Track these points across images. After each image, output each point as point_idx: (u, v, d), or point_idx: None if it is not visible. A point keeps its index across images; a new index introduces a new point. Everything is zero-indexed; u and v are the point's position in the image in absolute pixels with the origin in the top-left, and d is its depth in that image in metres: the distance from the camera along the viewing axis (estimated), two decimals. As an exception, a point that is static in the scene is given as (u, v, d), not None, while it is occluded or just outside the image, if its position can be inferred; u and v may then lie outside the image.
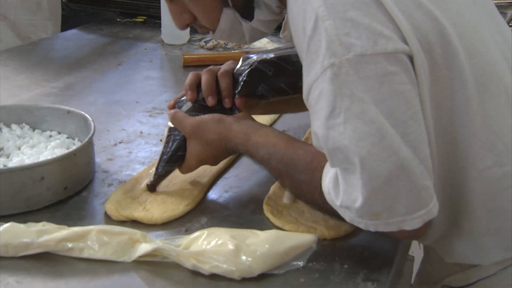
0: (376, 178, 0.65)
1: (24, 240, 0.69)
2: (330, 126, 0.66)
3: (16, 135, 0.93)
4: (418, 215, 0.66)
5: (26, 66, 1.44)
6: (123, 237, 0.71)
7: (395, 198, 0.66)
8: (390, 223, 0.67)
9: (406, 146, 0.65)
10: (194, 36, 1.72)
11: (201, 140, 0.84)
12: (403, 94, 0.65)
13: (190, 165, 0.87)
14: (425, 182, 0.67)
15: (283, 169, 0.77)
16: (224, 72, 0.90)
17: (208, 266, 0.67)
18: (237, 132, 0.82)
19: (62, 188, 0.82)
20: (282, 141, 0.79)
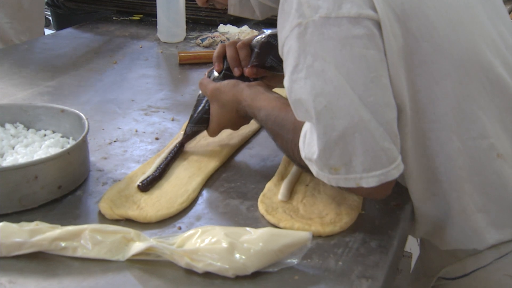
0: (330, 132, 0.70)
1: (17, 239, 0.69)
2: (293, 80, 0.73)
3: (10, 134, 0.93)
4: (374, 174, 0.71)
5: (21, 65, 1.44)
6: (117, 236, 0.71)
7: (352, 155, 0.71)
8: (349, 179, 0.72)
9: (363, 107, 0.69)
10: (190, 34, 1.71)
11: (218, 102, 0.93)
12: (365, 58, 0.70)
13: (213, 128, 0.96)
14: (384, 144, 0.70)
15: (276, 129, 0.83)
16: (241, 44, 0.98)
17: (202, 264, 0.67)
18: (246, 96, 0.89)
19: (56, 187, 0.82)
20: (279, 104, 0.85)
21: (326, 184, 0.86)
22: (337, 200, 0.82)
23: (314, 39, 0.70)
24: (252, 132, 1.06)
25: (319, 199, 0.83)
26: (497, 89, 0.77)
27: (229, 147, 0.99)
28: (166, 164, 0.91)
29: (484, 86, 0.76)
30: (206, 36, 1.65)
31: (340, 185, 0.73)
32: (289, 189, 0.85)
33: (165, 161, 0.92)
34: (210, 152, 0.97)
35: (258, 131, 1.07)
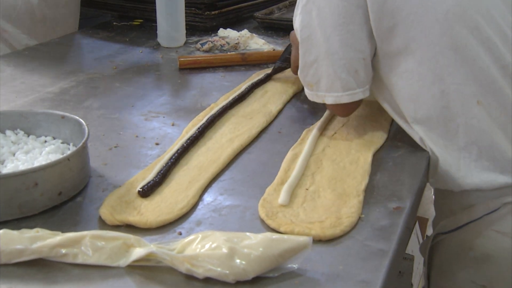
0: (308, 57, 0.97)
1: (18, 246, 0.69)
2: (295, 14, 1.01)
3: (11, 141, 0.93)
4: (331, 95, 0.98)
5: (21, 72, 1.44)
6: (117, 242, 0.71)
7: (320, 77, 0.97)
8: (318, 95, 1.00)
9: (331, 43, 0.93)
10: (190, 39, 1.71)
11: (295, 44, 1.17)
12: (338, 7, 0.92)
13: (292, 67, 1.24)
14: (341, 75, 0.95)
15: None
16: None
17: (202, 269, 0.67)
18: None
19: (56, 194, 0.82)
20: None
21: (326, 189, 0.87)
22: (337, 204, 0.82)
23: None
24: (252, 137, 1.06)
25: (319, 203, 0.83)
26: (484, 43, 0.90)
27: (229, 151, 0.99)
28: (167, 170, 0.91)
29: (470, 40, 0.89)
30: (206, 40, 1.65)
31: (314, 100, 1.00)
32: (289, 194, 0.85)
33: (166, 166, 0.92)
34: (210, 157, 0.97)
35: (258, 136, 1.08)
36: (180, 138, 1.04)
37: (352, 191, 0.86)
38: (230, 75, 1.44)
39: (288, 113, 1.19)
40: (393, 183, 0.91)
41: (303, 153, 0.97)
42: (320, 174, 0.92)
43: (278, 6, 2.00)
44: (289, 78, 1.36)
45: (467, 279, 0.99)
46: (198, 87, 1.36)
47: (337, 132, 1.06)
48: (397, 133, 1.08)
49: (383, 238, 0.76)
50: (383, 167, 0.96)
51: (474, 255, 0.98)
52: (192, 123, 1.10)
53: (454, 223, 1.00)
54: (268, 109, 1.18)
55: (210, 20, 1.80)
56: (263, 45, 1.65)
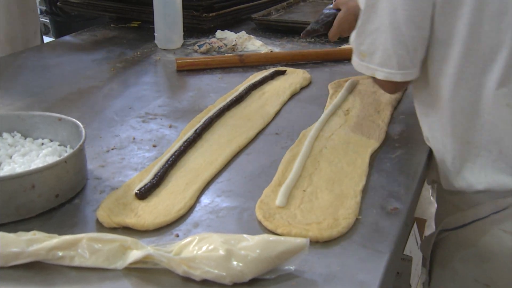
0: (369, 24, 0.93)
1: (14, 249, 0.69)
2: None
3: (8, 143, 0.93)
4: (383, 70, 0.93)
5: (19, 74, 1.44)
6: (114, 244, 0.71)
7: (376, 48, 0.92)
8: (369, 68, 0.95)
9: (397, 16, 0.89)
10: (188, 41, 1.71)
11: (346, 7, 1.23)
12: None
13: (334, 30, 1.27)
14: (399, 51, 0.91)
15: None
16: None
17: (199, 271, 0.67)
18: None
19: (53, 196, 0.82)
20: None
21: (324, 190, 0.87)
22: (334, 205, 0.82)
23: None
24: (250, 139, 1.06)
25: (316, 204, 0.83)
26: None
27: (226, 153, 0.99)
28: (164, 172, 0.91)
29: None
30: (203, 42, 1.65)
31: (362, 71, 0.96)
32: (287, 195, 0.85)
33: (163, 168, 0.92)
34: (207, 159, 0.97)
35: (255, 137, 1.08)
36: (178, 140, 1.04)
37: (350, 192, 0.86)
38: (228, 76, 1.44)
39: (285, 114, 1.20)
40: (391, 184, 0.91)
41: (301, 154, 0.97)
42: (318, 175, 0.92)
43: (276, 7, 2.00)
44: (287, 80, 1.36)
45: (470, 277, 0.98)
46: (196, 88, 1.36)
47: (335, 134, 1.06)
48: (394, 134, 1.08)
49: (380, 239, 0.76)
50: (380, 168, 0.96)
51: (478, 253, 0.97)
52: (189, 125, 1.10)
53: (460, 220, 0.99)
54: (266, 110, 1.18)
55: (208, 22, 1.80)
56: (261, 46, 1.65)
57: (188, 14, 1.76)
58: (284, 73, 1.40)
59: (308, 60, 1.53)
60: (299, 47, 1.68)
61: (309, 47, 1.67)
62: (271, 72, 1.38)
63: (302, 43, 1.73)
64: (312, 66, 1.50)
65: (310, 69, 1.45)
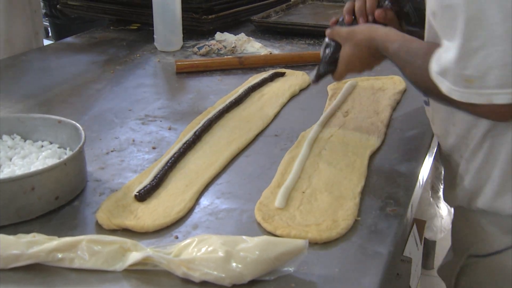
0: (474, 40, 0.71)
1: (14, 251, 0.69)
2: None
3: (8, 146, 0.93)
4: (508, 91, 0.70)
5: (19, 76, 1.44)
6: (114, 246, 0.71)
7: (490, 67, 0.70)
8: (481, 94, 0.72)
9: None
10: (187, 43, 1.72)
11: (351, 42, 0.99)
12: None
13: (341, 70, 1.03)
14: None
15: (407, 58, 0.86)
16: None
17: (199, 273, 0.67)
18: (381, 33, 0.94)
19: (53, 198, 0.82)
20: (413, 38, 0.89)
21: (323, 191, 0.87)
22: (333, 207, 0.83)
23: None
24: (249, 140, 1.06)
25: (315, 206, 0.83)
26: None
27: (226, 155, 0.99)
28: (163, 174, 0.91)
29: None
30: (203, 44, 1.66)
31: (471, 101, 0.73)
32: (286, 197, 0.85)
33: (162, 170, 0.92)
34: (207, 160, 0.97)
35: (254, 139, 1.08)
36: (177, 142, 1.04)
37: (349, 193, 0.86)
38: (227, 78, 1.44)
39: (285, 116, 1.20)
40: (390, 186, 0.91)
41: (300, 156, 0.97)
42: (317, 177, 0.92)
43: (275, 9, 2.00)
44: (286, 81, 1.37)
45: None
46: (195, 90, 1.37)
47: (334, 135, 1.07)
48: (393, 135, 1.08)
49: (379, 240, 0.76)
50: (379, 170, 0.96)
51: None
52: (189, 127, 1.10)
53: (492, 246, 0.88)
54: (265, 112, 1.19)
55: (207, 24, 1.80)
56: (260, 48, 1.66)
57: (188, 16, 1.76)
58: (283, 75, 1.40)
59: (307, 62, 1.53)
60: (298, 49, 1.68)
61: (308, 49, 1.68)
62: (270, 74, 1.38)
63: (301, 45, 1.73)
64: (311, 68, 1.49)
65: (309, 71, 1.45)
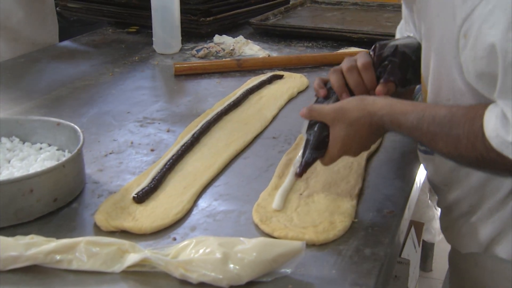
0: None
1: (12, 253, 0.69)
2: (511, 38, 0.64)
3: (6, 148, 0.94)
4: None
5: (18, 79, 1.45)
6: (112, 247, 0.72)
7: None
8: None
9: None
10: (186, 45, 1.72)
11: (343, 122, 0.82)
12: None
13: (332, 155, 0.85)
14: None
15: (437, 130, 0.74)
16: (366, 65, 0.89)
17: (196, 274, 0.67)
18: (382, 105, 0.80)
19: (51, 200, 0.83)
20: (431, 105, 0.79)
21: (320, 194, 0.87)
22: (330, 208, 0.83)
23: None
24: (247, 142, 1.07)
25: (313, 208, 0.84)
26: None
27: (224, 157, 1.00)
28: (162, 176, 0.92)
29: None
30: (201, 47, 1.66)
31: None
32: (283, 199, 0.85)
33: (161, 172, 0.92)
34: (205, 162, 0.98)
35: (252, 141, 1.08)
36: (175, 144, 1.04)
37: (346, 195, 0.87)
38: (226, 81, 1.44)
39: (283, 118, 1.20)
40: (387, 188, 0.91)
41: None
42: (314, 179, 0.92)
43: (274, 12, 2.01)
44: (284, 84, 1.37)
45: None
46: (194, 93, 1.37)
47: (331, 137, 1.07)
48: (391, 137, 1.09)
49: (376, 242, 0.77)
50: (377, 172, 0.96)
51: None
52: (187, 129, 1.11)
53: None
54: (263, 114, 1.19)
55: (206, 26, 1.81)
56: (258, 51, 1.66)
57: (186, 19, 1.76)
58: (282, 78, 1.41)
59: (305, 65, 1.54)
60: (296, 52, 1.69)
61: (307, 52, 1.68)
62: (268, 77, 1.39)
63: (299, 47, 1.74)
64: (310, 71, 1.51)
65: (308, 74, 1.46)
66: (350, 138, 0.82)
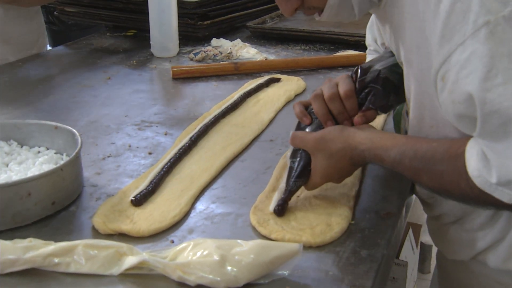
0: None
1: (11, 256, 0.70)
2: (487, 88, 0.63)
3: (4, 152, 0.94)
4: None
5: (16, 83, 1.45)
6: (110, 250, 0.72)
7: None
8: None
9: None
10: (184, 49, 1.73)
11: (325, 153, 0.82)
12: None
13: (315, 182, 0.85)
14: None
15: (419, 165, 0.73)
16: (348, 92, 0.87)
17: (194, 277, 0.68)
18: (362, 139, 0.80)
19: (49, 204, 0.83)
20: (412, 139, 0.78)
21: (317, 196, 0.88)
22: (327, 211, 0.83)
23: (507, 36, 0.62)
24: (244, 145, 1.07)
25: (310, 210, 0.84)
26: None
27: (221, 160, 1.00)
28: (159, 178, 0.92)
29: None
30: (199, 50, 1.67)
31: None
32: (281, 201, 0.85)
33: (158, 175, 0.93)
34: (202, 165, 0.98)
35: (250, 144, 1.09)
36: (173, 147, 1.05)
37: (343, 197, 0.87)
38: (223, 84, 1.45)
39: (280, 121, 1.21)
40: (384, 189, 0.92)
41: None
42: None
43: (271, 15, 2.02)
44: (282, 87, 1.38)
45: None
46: (191, 96, 1.38)
47: (328, 140, 1.07)
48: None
49: (373, 243, 0.77)
50: (374, 174, 0.97)
51: None
52: (185, 132, 1.11)
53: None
54: (260, 117, 1.20)
55: (203, 30, 1.81)
56: (256, 54, 1.67)
57: (183, 23, 1.77)
58: (279, 81, 1.41)
59: (302, 68, 1.55)
60: (293, 55, 1.70)
61: (304, 55, 1.69)
62: (266, 80, 1.40)
63: (296, 50, 1.74)
64: (307, 74, 1.51)
65: (305, 76, 1.47)
66: (331, 168, 0.83)
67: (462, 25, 0.64)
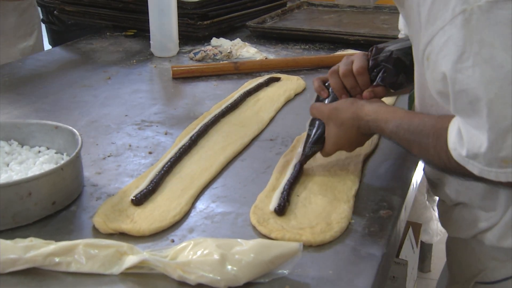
0: (502, 121, 0.67)
1: (11, 256, 0.70)
2: (458, 70, 0.69)
3: (5, 151, 0.94)
4: None
5: (15, 83, 1.45)
6: (110, 249, 0.72)
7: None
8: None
9: None
10: (183, 48, 1.73)
11: (336, 121, 0.92)
12: None
13: (328, 149, 0.95)
14: None
15: (411, 138, 0.81)
16: (360, 70, 0.96)
17: (194, 276, 0.68)
18: (369, 111, 0.88)
19: (50, 203, 0.83)
20: (409, 113, 0.85)
21: (317, 195, 0.88)
22: (327, 210, 0.84)
23: (480, 25, 0.67)
24: (244, 145, 1.07)
25: (309, 209, 0.84)
26: None
27: (221, 159, 1.00)
28: (160, 178, 0.92)
29: None
30: (198, 50, 1.67)
31: (509, 180, 0.69)
32: (281, 200, 0.86)
33: (159, 175, 0.93)
34: (202, 165, 0.98)
35: (250, 143, 1.09)
36: (173, 146, 1.05)
37: (343, 196, 0.87)
38: (223, 83, 1.45)
39: (280, 120, 1.21)
40: (383, 189, 0.92)
41: (294, 160, 0.98)
42: (311, 180, 0.93)
43: (271, 15, 2.02)
44: (281, 86, 1.38)
45: None
46: (191, 96, 1.38)
47: (328, 139, 1.07)
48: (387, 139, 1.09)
49: (372, 242, 0.77)
50: (373, 173, 0.97)
51: None
52: (185, 132, 1.11)
53: (501, 273, 0.88)
54: (260, 117, 1.20)
55: (203, 29, 1.81)
56: (256, 53, 1.67)
57: (183, 22, 1.77)
58: (279, 80, 1.41)
59: (302, 67, 1.55)
60: (293, 54, 1.70)
61: (303, 54, 1.69)
62: (265, 79, 1.40)
63: (296, 50, 1.75)
64: (306, 73, 1.52)
65: (305, 76, 1.47)
66: (341, 137, 0.92)
67: (443, 12, 0.70)
